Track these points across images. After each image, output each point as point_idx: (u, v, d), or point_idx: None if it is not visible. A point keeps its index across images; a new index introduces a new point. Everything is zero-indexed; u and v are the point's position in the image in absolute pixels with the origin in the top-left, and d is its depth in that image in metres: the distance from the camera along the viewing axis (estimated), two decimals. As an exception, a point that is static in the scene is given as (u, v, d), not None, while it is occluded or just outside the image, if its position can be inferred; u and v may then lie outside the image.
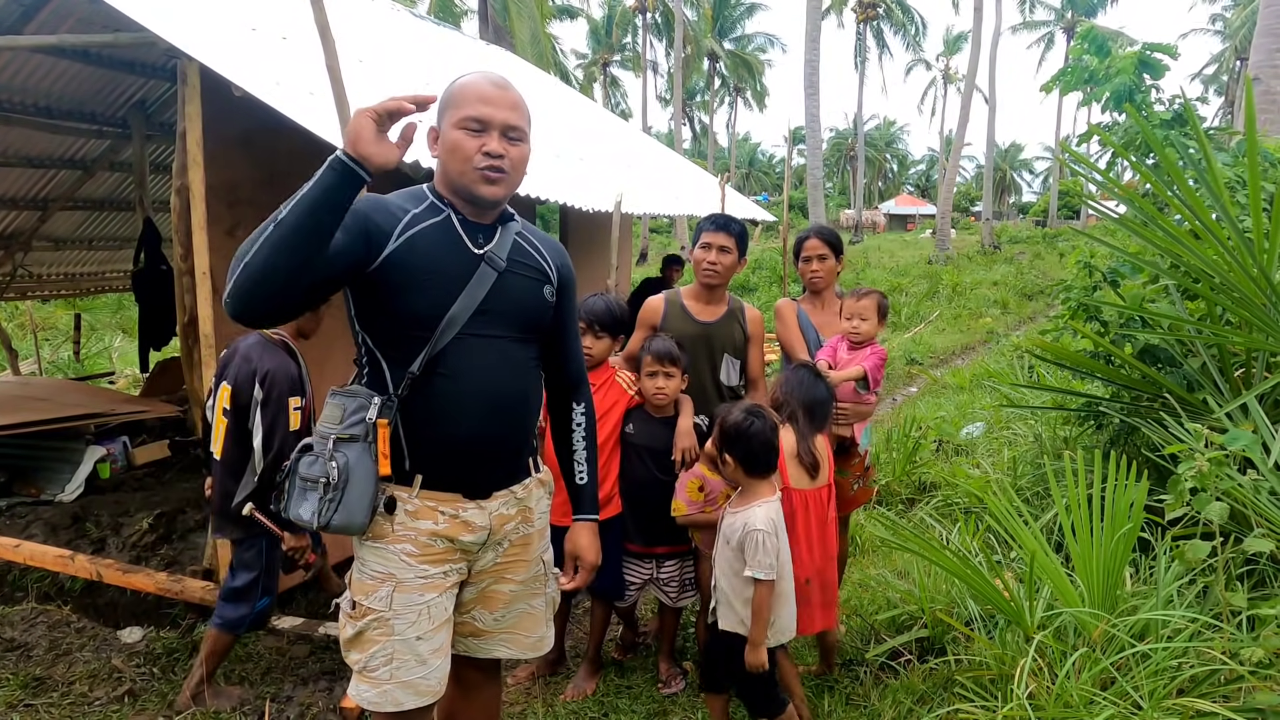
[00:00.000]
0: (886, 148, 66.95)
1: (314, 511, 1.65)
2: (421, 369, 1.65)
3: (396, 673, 1.69)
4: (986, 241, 27.06)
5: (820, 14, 19.11)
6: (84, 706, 2.90)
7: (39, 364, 8.17)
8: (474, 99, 1.65)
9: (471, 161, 1.64)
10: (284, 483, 1.74)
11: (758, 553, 2.28)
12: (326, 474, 1.64)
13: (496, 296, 1.71)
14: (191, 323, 3.22)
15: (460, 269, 1.68)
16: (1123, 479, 2.49)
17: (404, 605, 1.70)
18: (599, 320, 2.85)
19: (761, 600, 2.29)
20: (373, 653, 1.70)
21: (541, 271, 1.82)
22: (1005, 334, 12.52)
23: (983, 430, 5.96)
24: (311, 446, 1.70)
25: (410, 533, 1.70)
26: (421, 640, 1.71)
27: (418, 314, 1.65)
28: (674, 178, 7.84)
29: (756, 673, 2.33)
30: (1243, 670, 1.96)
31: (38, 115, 5.29)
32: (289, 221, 1.44)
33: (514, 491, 1.83)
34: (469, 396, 1.69)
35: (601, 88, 40.03)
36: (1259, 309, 2.78)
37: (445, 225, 1.70)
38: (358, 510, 1.65)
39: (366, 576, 1.72)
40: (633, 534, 2.94)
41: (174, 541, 4.12)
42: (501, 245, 1.74)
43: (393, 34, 5.81)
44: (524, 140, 1.71)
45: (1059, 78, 4.37)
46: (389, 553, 1.70)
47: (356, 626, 1.71)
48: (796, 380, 2.72)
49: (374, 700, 1.71)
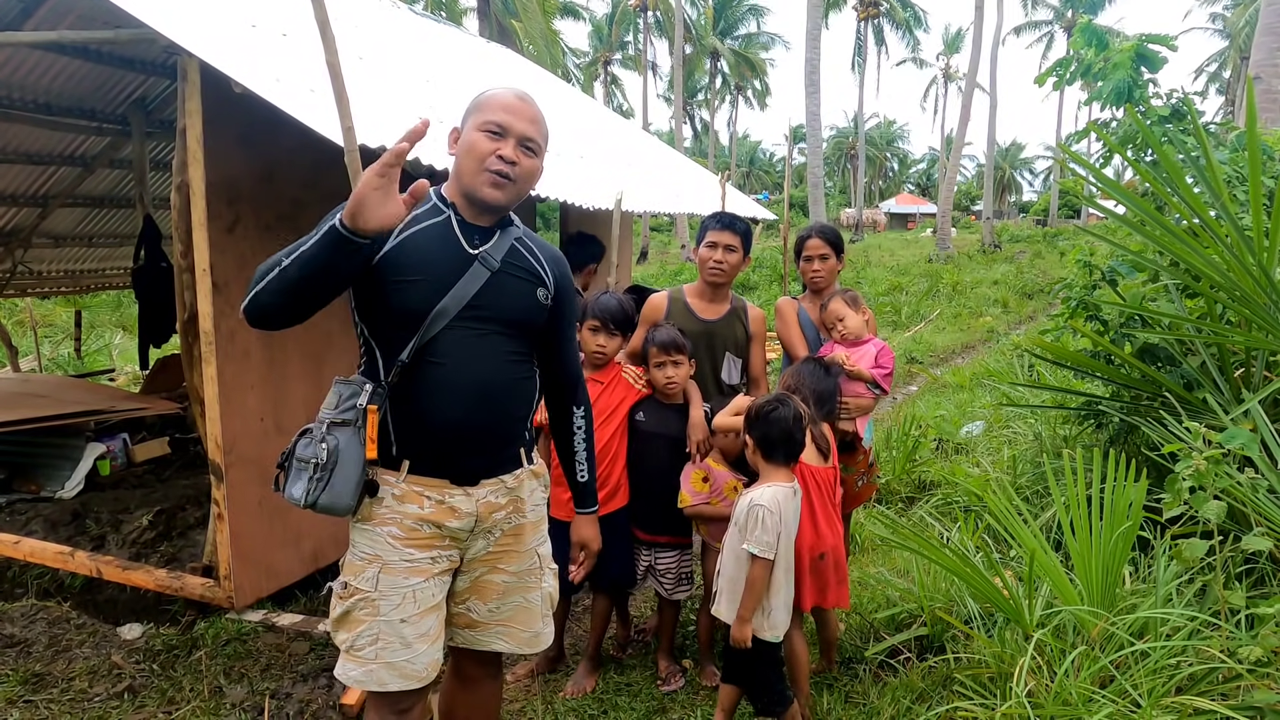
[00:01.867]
0: (887, 146, 66.90)
1: (304, 491, 1.72)
2: (410, 356, 1.72)
3: (381, 653, 1.74)
4: (987, 240, 27.06)
5: (821, 12, 19.08)
6: (83, 703, 2.90)
7: (39, 361, 8.17)
8: (498, 107, 1.77)
9: (484, 162, 1.73)
10: (285, 464, 1.79)
11: (757, 528, 2.30)
12: (317, 455, 1.71)
13: (488, 294, 1.77)
14: (191, 320, 3.22)
15: (452, 266, 1.75)
16: (1122, 478, 2.49)
17: (389, 587, 1.75)
18: (613, 318, 2.86)
19: (756, 577, 2.31)
20: (359, 632, 1.75)
21: (536, 275, 1.88)
22: (1005, 333, 12.52)
23: (982, 429, 5.96)
24: (310, 430, 1.77)
25: (397, 516, 1.76)
26: (406, 624, 1.75)
27: (409, 307, 1.72)
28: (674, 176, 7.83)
29: (741, 649, 2.34)
30: (1241, 669, 1.96)
31: (38, 112, 5.28)
32: (292, 274, 1.57)
33: (504, 481, 1.86)
34: (456, 384, 1.75)
35: (602, 86, 40.02)
36: (1259, 307, 2.77)
37: (443, 225, 1.78)
38: (344, 492, 1.71)
39: (356, 557, 1.79)
40: (637, 519, 2.95)
41: (173, 538, 4.13)
42: (498, 248, 1.81)
43: (393, 31, 5.80)
44: (538, 155, 1.81)
45: (1054, 70, 4.35)
46: (376, 535, 1.77)
47: (344, 606, 1.77)
48: (808, 370, 2.80)
49: (359, 679, 1.76)
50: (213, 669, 3.06)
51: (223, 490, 3.26)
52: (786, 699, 2.46)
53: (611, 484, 2.87)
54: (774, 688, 2.44)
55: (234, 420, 3.29)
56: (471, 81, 1.62)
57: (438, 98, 4.30)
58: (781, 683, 2.47)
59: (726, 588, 2.43)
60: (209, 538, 3.42)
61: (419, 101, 4.04)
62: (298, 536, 3.62)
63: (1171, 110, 3.89)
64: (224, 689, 2.96)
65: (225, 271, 3.20)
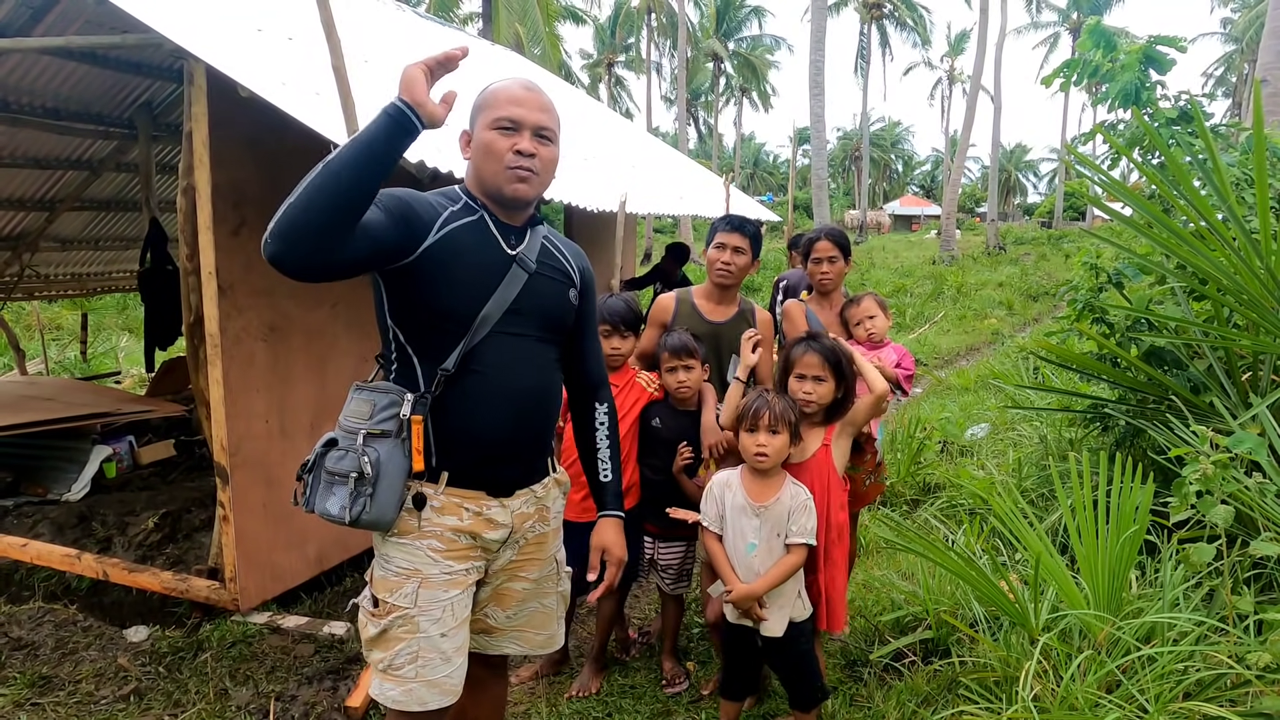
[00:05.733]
0: (892, 148, 66.87)
1: (343, 506, 1.64)
2: (456, 365, 1.67)
3: (422, 671, 1.68)
4: (991, 242, 27.01)
5: (825, 14, 19.08)
6: (90, 705, 2.90)
7: (45, 364, 8.19)
8: (506, 101, 1.70)
9: (503, 160, 1.68)
10: (308, 477, 1.72)
11: (807, 518, 2.34)
12: (359, 468, 1.63)
13: (526, 297, 1.74)
14: (197, 322, 3.23)
15: (495, 268, 1.71)
16: (1128, 481, 2.48)
17: (430, 601, 1.69)
18: (623, 320, 2.86)
19: (794, 565, 2.34)
20: (398, 650, 1.68)
21: (566, 274, 1.86)
22: (1010, 335, 12.49)
23: (987, 431, 5.95)
24: (337, 441, 1.69)
25: (436, 528, 1.71)
26: (445, 637, 1.70)
27: (454, 309, 1.66)
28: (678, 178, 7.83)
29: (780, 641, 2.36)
30: (1249, 674, 1.95)
31: (45, 116, 5.30)
32: (335, 165, 1.44)
33: (534, 490, 1.85)
34: (499, 394, 1.71)
35: (606, 88, 40.03)
36: (1267, 311, 2.76)
37: (480, 224, 1.73)
38: (389, 506, 1.65)
39: (391, 573, 1.71)
40: (648, 517, 2.95)
41: (179, 540, 4.14)
42: (531, 247, 1.78)
43: (398, 34, 5.82)
44: (554, 141, 1.76)
45: (1061, 71, 4.34)
46: (415, 548, 1.70)
47: (380, 624, 1.69)
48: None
49: (398, 699, 1.69)
50: (218, 671, 3.07)
51: (228, 493, 3.27)
52: (825, 691, 2.52)
53: (624, 485, 2.87)
54: (815, 683, 2.47)
55: (239, 423, 3.30)
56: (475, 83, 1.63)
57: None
58: (820, 677, 2.51)
59: (775, 599, 2.40)
60: (214, 540, 3.43)
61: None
62: (302, 539, 3.62)
63: (1179, 112, 3.87)
64: (229, 691, 2.96)
65: (231, 274, 3.21)
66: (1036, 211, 48.78)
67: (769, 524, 2.34)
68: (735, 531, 2.40)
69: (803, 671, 2.45)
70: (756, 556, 2.35)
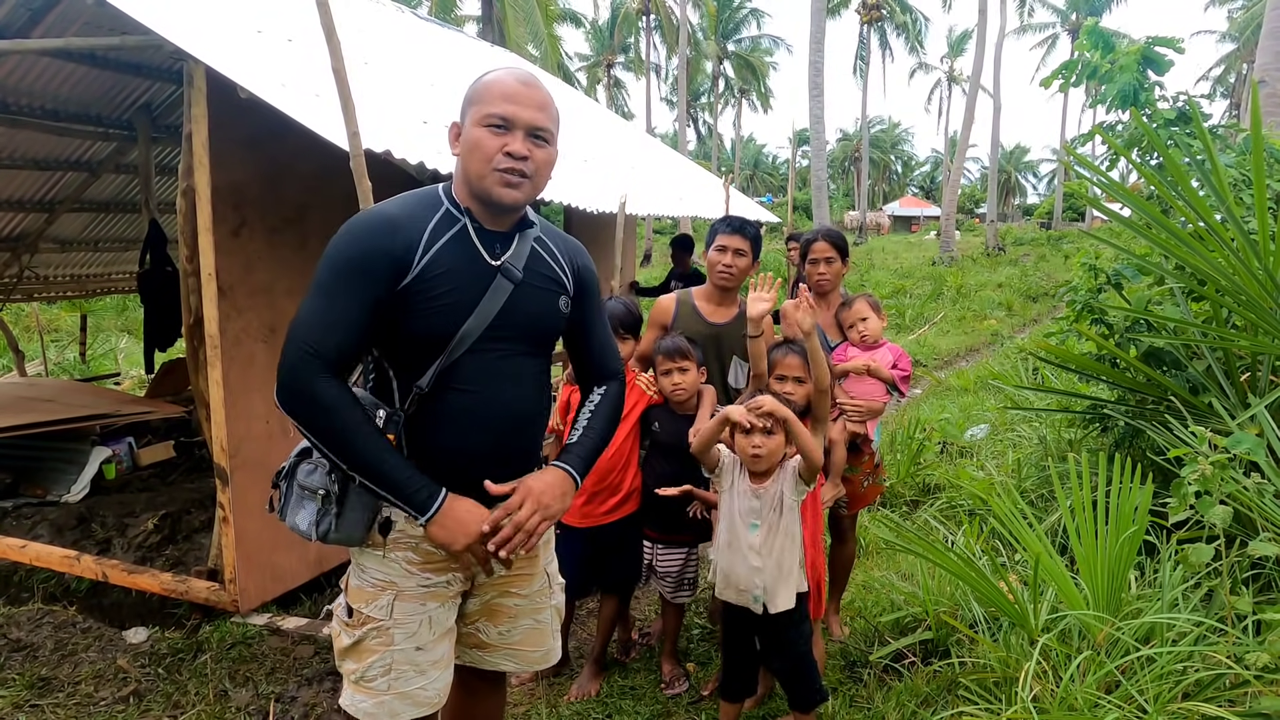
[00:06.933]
0: (891, 149, 66.93)
1: (311, 522, 1.61)
2: (431, 384, 1.59)
3: (395, 683, 1.64)
4: (991, 243, 27.03)
5: (824, 15, 19.09)
6: (89, 707, 2.90)
7: (45, 365, 8.19)
8: (499, 96, 1.56)
9: (492, 162, 1.55)
10: (283, 484, 1.68)
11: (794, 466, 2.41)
12: (325, 485, 1.59)
13: (511, 310, 1.62)
14: (197, 324, 3.23)
15: (476, 282, 1.59)
16: (1127, 482, 2.48)
17: (405, 614, 1.64)
18: (624, 323, 2.87)
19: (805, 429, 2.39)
20: (371, 662, 1.64)
21: (558, 282, 1.74)
22: (1010, 336, 12.49)
23: (987, 432, 5.95)
24: (310, 453, 1.64)
25: (412, 540, 1.65)
26: (421, 651, 1.66)
27: (432, 333, 1.58)
28: (678, 179, 7.83)
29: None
30: (1248, 675, 1.95)
31: (45, 118, 5.30)
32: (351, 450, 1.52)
33: None
34: (478, 411, 1.62)
35: (605, 89, 40.05)
36: (1265, 311, 2.77)
37: (461, 237, 1.60)
38: (356, 525, 1.61)
39: (366, 584, 1.67)
40: (649, 522, 2.95)
41: (179, 542, 4.14)
42: (519, 255, 1.65)
43: (398, 36, 5.82)
44: (550, 143, 1.62)
45: (1060, 72, 4.35)
46: (390, 560, 1.65)
47: (355, 635, 1.65)
48: None
49: (369, 711, 1.65)
50: (218, 673, 3.07)
51: (228, 494, 3.27)
52: (824, 693, 2.53)
53: (624, 490, 2.87)
54: (815, 684, 2.48)
55: (239, 424, 3.30)
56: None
57: (442, 102, 4.31)
58: (819, 678, 2.52)
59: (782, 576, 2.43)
60: (214, 541, 3.43)
61: (423, 106, 4.05)
62: (302, 540, 3.62)
63: (1177, 113, 3.88)
64: (229, 692, 2.97)
65: (230, 275, 3.20)
66: (1036, 212, 48.80)
67: (767, 504, 2.42)
68: (738, 510, 2.45)
69: (802, 672, 2.46)
70: (758, 535, 2.41)
